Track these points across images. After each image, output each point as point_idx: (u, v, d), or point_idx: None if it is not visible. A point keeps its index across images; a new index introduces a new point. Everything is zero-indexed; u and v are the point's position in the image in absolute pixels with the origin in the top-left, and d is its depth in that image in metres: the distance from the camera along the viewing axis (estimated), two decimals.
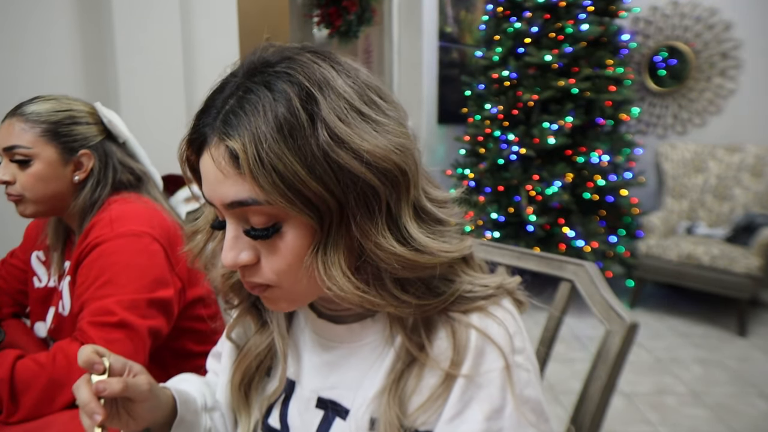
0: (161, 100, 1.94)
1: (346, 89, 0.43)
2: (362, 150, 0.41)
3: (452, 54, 3.78)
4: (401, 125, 0.45)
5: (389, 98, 0.46)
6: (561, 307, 0.78)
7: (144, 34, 1.87)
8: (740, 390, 2.25)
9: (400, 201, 0.44)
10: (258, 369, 0.59)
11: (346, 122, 0.41)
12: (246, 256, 0.45)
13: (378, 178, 0.42)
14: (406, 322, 0.49)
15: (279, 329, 0.58)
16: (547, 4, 3.01)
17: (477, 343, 0.47)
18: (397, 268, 0.43)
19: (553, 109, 3.03)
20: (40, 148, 0.91)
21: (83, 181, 0.95)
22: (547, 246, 2.99)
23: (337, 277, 0.43)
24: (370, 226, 0.42)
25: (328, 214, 0.42)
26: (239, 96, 0.42)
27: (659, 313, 3.11)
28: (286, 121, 0.40)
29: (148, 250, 0.87)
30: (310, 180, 0.40)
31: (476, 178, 3.27)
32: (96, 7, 1.81)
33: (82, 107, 0.97)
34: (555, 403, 2.14)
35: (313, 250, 0.43)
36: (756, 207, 3.19)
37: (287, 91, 0.41)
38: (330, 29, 3.23)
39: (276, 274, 0.45)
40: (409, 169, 0.44)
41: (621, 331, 0.67)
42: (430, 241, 0.45)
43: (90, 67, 1.83)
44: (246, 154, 0.40)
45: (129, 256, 0.86)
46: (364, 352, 0.52)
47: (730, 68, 3.45)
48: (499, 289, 0.51)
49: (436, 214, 0.47)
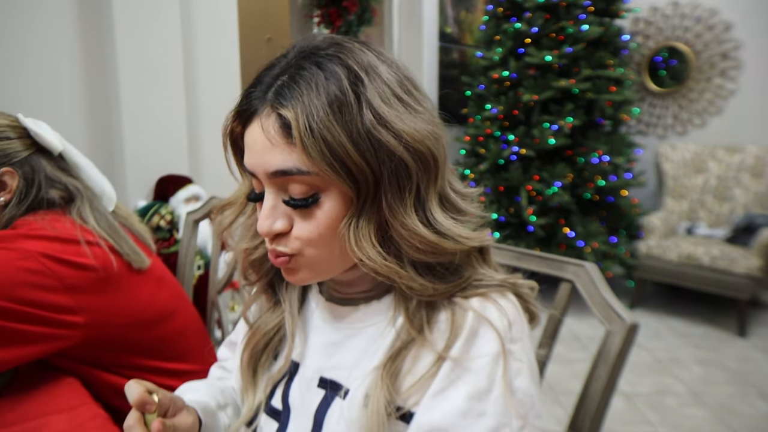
0: (161, 100, 1.94)
1: (389, 76, 0.46)
2: (402, 131, 0.44)
3: (452, 54, 3.78)
4: (433, 116, 0.48)
5: (422, 91, 0.50)
6: (561, 307, 0.78)
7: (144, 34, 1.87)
8: (740, 390, 2.25)
9: (429, 185, 0.47)
10: (265, 349, 0.61)
11: (389, 104, 0.45)
12: (280, 225, 0.48)
13: (413, 158, 0.45)
14: (409, 303, 0.50)
15: (290, 309, 0.60)
16: (547, 4, 3.01)
17: (472, 325, 0.48)
18: (419, 248, 0.46)
19: (553, 109, 3.03)
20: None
21: (8, 202, 0.86)
22: (547, 246, 3.00)
23: (367, 247, 0.46)
24: (399, 204, 0.45)
25: (365, 187, 0.45)
26: (291, 73, 0.45)
27: (659, 313, 3.11)
28: (336, 97, 0.43)
29: (13, 264, 0.77)
30: (355, 153, 0.43)
31: (476, 178, 3.27)
32: (96, 7, 1.81)
33: (2, 121, 0.88)
34: (555, 403, 2.14)
35: (348, 222, 0.46)
36: (756, 207, 3.19)
37: (337, 71, 0.45)
38: (330, 29, 3.23)
39: (306, 242, 0.48)
40: (440, 157, 0.47)
41: (621, 332, 0.67)
42: (452, 226, 0.47)
43: (90, 67, 1.83)
44: (298, 122, 0.43)
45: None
46: (369, 333, 0.53)
47: (730, 69, 3.45)
48: (509, 282, 0.52)
49: (459, 204, 0.50)
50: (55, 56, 1.73)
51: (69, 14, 1.76)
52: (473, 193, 0.53)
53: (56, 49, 1.73)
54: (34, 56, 1.69)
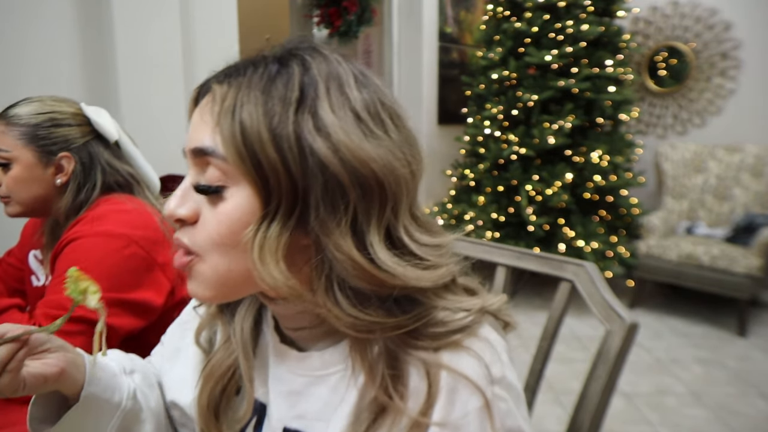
0: (161, 101, 1.94)
1: (356, 95, 0.42)
2: (342, 144, 0.40)
3: (452, 54, 3.78)
4: (401, 151, 0.43)
5: (403, 126, 0.45)
6: (561, 307, 0.78)
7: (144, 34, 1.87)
8: (740, 390, 2.25)
9: (369, 215, 0.41)
10: (224, 392, 0.55)
11: (338, 116, 0.41)
12: (185, 210, 0.44)
13: (350, 178, 0.40)
14: (368, 355, 0.45)
15: (243, 351, 0.53)
16: (547, 4, 3.01)
17: (449, 385, 0.43)
18: (352, 274, 0.41)
19: (553, 109, 3.03)
20: (18, 152, 0.90)
21: (66, 183, 0.94)
22: (547, 246, 3.00)
23: (270, 264, 0.40)
24: (332, 223, 0.40)
25: (277, 192, 0.40)
26: (253, 61, 0.43)
27: (659, 313, 3.11)
28: (276, 87, 0.41)
29: (121, 253, 0.86)
30: (271, 148, 0.39)
31: (476, 178, 3.27)
32: (96, 8, 1.81)
33: (66, 109, 0.96)
34: (555, 403, 2.14)
35: (255, 229, 0.41)
36: (756, 207, 3.19)
37: (294, 70, 0.42)
38: (330, 29, 3.23)
39: (205, 240, 0.43)
40: (389, 189, 0.41)
41: (621, 331, 0.67)
42: (395, 265, 0.42)
43: (90, 67, 1.83)
44: (224, 100, 0.41)
45: (100, 256, 0.85)
46: (330, 382, 0.48)
47: (730, 68, 3.45)
48: (480, 312, 0.46)
49: (413, 250, 0.43)
50: (54, 56, 1.73)
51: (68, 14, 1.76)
52: (442, 243, 0.46)
53: (56, 49, 1.73)
54: (33, 56, 1.68)
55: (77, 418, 0.52)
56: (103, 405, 0.53)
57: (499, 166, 3.20)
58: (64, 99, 0.98)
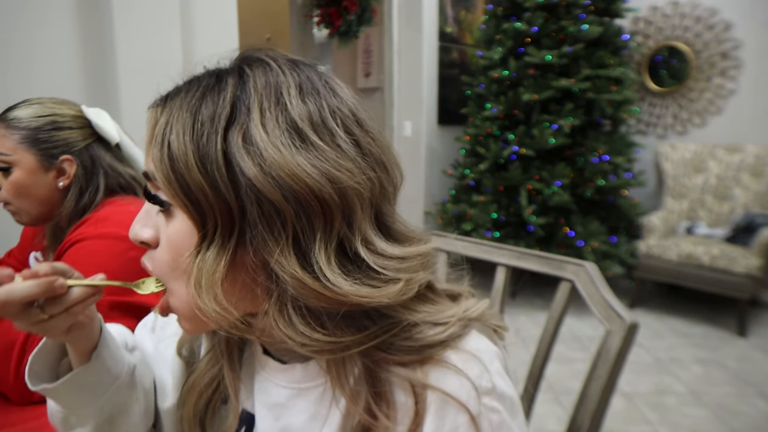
0: None
1: (295, 104, 0.40)
2: (270, 160, 0.38)
3: (452, 54, 3.78)
4: (352, 160, 0.40)
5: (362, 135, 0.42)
6: (561, 307, 0.78)
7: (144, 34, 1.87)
8: (740, 390, 2.25)
9: (313, 231, 0.39)
10: (209, 404, 0.54)
11: (269, 130, 0.39)
12: (146, 234, 0.44)
13: (282, 195, 0.38)
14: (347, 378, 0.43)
15: (229, 362, 0.52)
16: (547, 4, 3.01)
17: (437, 400, 0.42)
18: (300, 293, 0.39)
19: (553, 109, 3.03)
20: (19, 155, 0.89)
21: (68, 187, 0.93)
22: (547, 246, 3.00)
23: (206, 288, 0.39)
24: (272, 243, 0.39)
25: (211, 215, 0.39)
26: (194, 77, 0.43)
27: (659, 313, 3.11)
28: (206, 105, 0.40)
29: (124, 255, 0.85)
30: (196, 170, 0.38)
31: (476, 178, 3.27)
32: (96, 7, 1.81)
33: (67, 111, 0.94)
34: (555, 402, 2.14)
35: (195, 252, 0.40)
36: (756, 207, 3.19)
37: (230, 83, 0.41)
38: (330, 29, 3.22)
39: (162, 267, 0.43)
40: (332, 202, 0.39)
41: (621, 331, 0.67)
42: (345, 284, 0.39)
43: (90, 67, 1.83)
44: (156, 125, 0.41)
45: (103, 258, 0.84)
46: (313, 395, 0.47)
47: (730, 68, 3.45)
48: (461, 322, 0.44)
49: (370, 263, 0.41)
50: (53, 56, 1.73)
51: (68, 14, 1.76)
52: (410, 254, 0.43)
53: (55, 48, 1.73)
54: (33, 56, 1.68)
55: (82, 379, 0.50)
56: (104, 374, 0.52)
57: (499, 165, 3.20)
58: (65, 101, 0.97)
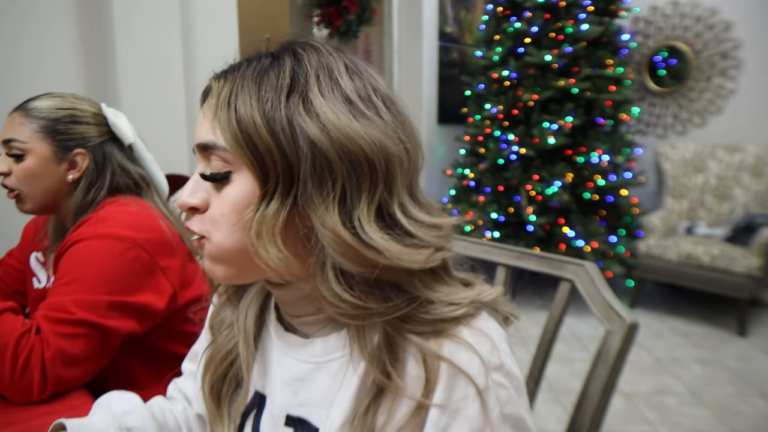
0: (161, 101, 1.94)
1: (346, 80, 0.44)
2: (330, 123, 0.42)
3: (452, 54, 3.78)
4: (394, 131, 0.45)
5: (398, 111, 0.47)
6: (561, 307, 0.78)
7: (144, 34, 1.87)
8: (740, 390, 2.25)
9: (360, 190, 0.43)
10: (225, 378, 0.58)
11: (327, 98, 0.43)
12: (195, 199, 0.47)
13: (338, 153, 0.42)
14: (367, 342, 0.46)
15: (245, 337, 0.56)
16: (547, 4, 3.01)
17: (448, 371, 0.44)
18: (337, 251, 0.42)
19: (553, 109, 3.03)
20: (34, 144, 0.91)
21: (77, 180, 0.94)
22: (547, 246, 3.00)
23: (266, 239, 0.43)
24: (319, 198, 0.42)
25: (274, 173, 0.43)
26: (249, 57, 0.47)
27: (659, 313, 3.11)
28: (268, 78, 0.44)
29: (124, 256, 0.86)
30: (264, 131, 0.42)
31: (476, 178, 3.27)
32: (96, 7, 1.81)
33: (87, 107, 0.97)
34: (555, 403, 2.14)
35: (255, 207, 0.43)
36: (756, 207, 3.19)
37: (287, 60, 0.45)
38: (330, 29, 3.23)
39: (210, 222, 0.46)
40: (379, 166, 0.43)
41: (621, 331, 0.67)
42: (380, 238, 0.43)
43: (90, 67, 1.83)
44: (220, 94, 0.44)
45: (102, 258, 0.85)
46: (332, 368, 0.50)
47: (730, 68, 3.45)
48: (474, 304, 0.47)
49: (406, 226, 0.44)
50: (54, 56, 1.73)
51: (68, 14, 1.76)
52: (442, 224, 0.47)
53: (55, 49, 1.73)
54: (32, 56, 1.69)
55: None
56: None
57: (499, 166, 3.20)
58: (84, 98, 1.00)
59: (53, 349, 0.78)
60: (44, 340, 0.78)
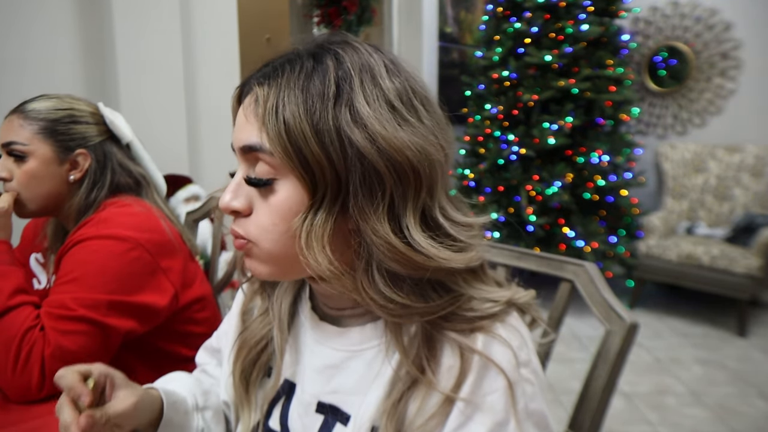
0: (161, 101, 1.94)
1: (388, 84, 0.45)
2: (378, 134, 0.42)
3: (452, 54, 3.78)
4: (434, 136, 0.46)
5: (434, 111, 0.48)
6: (561, 307, 0.78)
7: (144, 34, 1.87)
8: (740, 390, 2.25)
9: (406, 199, 0.44)
10: (256, 363, 0.59)
11: (373, 107, 0.43)
12: (239, 203, 0.47)
13: (386, 165, 0.43)
14: (403, 335, 0.48)
15: (279, 324, 0.57)
16: (547, 4, 3.01)
17: (479, 366, 0.46)
18: (388, 257, 0.43)
19: (553, 109, 3.03)
20: (35, 145, 0.91)
21: (79, 181, 0.94)
22: (547, 246, 2.99)
23: (316, 248, 0.44)
24: (370, 209, 0.43)
25: (322, 183, 0.43)
26: (289, 58, 0.46)
27: (659, 313, 3.11)
28: (313, 84, 0.43)
29: (126, 256, 0.86)
30: (315, 143, 0.42)
31: (476, 178, 3.27)
32: (96, 8, 1.81)
33: (84, 107, 0.97)
34: (555, 403, 2.14)
35: (303, 217, 0.44)
36: (756, 207, 3.19)
37: (329, 64, 0.44)
38: (330, 29, 3.23)
39: (258, 229, 0.46)
40: (423, 173, 0.44)
41: (621, 331, 0.67)
42: (429, 246, 0.44)
43: (90, 67, 1.83)
44: (267, 100, 0.44)
45: (104, 258, 0.85)
46: (367, 357, 0.51)
47: (730, 68, 3.45)
48: (508, 304, 0.49)
49: (447, 229, 0.46)
50: (54, 56, 1.73)
51: (68, 14, 1.76)
52: (475, 223, 0.49)
53: (55, 49, 1.73)
54: (33, 56, 1.69)
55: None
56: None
57: (499, 166, 3.20)
58: (81, 98, 1.00)
59: (53, 346, 0.78)
60: (45, 337, 0.79)
